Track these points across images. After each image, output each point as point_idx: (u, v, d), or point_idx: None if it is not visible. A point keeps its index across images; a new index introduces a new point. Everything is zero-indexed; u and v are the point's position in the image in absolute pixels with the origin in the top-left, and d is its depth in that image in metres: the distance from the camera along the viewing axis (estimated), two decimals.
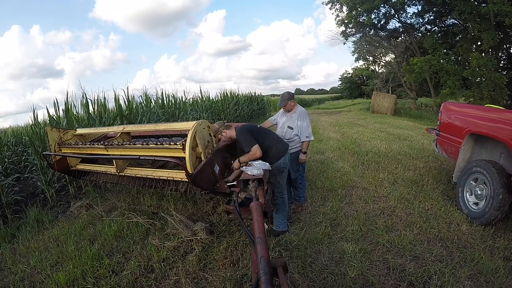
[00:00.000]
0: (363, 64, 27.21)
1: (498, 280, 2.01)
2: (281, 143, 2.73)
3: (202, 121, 2.62)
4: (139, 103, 6.81)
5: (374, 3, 14.84)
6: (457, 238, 2.54)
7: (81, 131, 3.62)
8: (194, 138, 2.44)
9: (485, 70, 12.38)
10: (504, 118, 2.71)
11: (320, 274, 2.20)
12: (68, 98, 4.85)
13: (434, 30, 16.83)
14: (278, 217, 2.77)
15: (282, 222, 2.77)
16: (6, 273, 2.66)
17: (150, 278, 2.31)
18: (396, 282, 2.07)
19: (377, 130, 8.75)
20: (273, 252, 2.48)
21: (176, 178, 2.69)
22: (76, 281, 2.33)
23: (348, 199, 3.51)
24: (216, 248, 2.61)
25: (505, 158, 2.81)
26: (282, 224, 2.77)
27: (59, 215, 3.88)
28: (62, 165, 3.48)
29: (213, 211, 3.37)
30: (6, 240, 3.29)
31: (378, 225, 2.81)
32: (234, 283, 2.15)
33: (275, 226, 2.78)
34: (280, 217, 2.77)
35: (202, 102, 9.58)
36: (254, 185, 2.08)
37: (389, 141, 6.67)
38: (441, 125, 3.70)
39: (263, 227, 1.42)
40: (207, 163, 2.53)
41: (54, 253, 2.80)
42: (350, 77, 47.27)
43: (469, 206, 2.91)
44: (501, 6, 11.18)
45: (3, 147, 5.28)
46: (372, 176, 4.21)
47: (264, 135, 2.68)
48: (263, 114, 14.69)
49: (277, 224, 2.77)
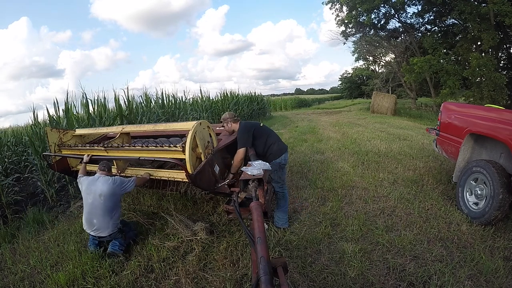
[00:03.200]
0: (363, 64, 27.25)
1: (498, 280, 2.01)
2: (281, 141, 2.93)
3: (202, 121, 2.62)
4: (139, 103, 6.82)
5: (374, 3, 14.85)
6: (457, 238, 2.54)
7: (81, 132, 3.61)
8: (194, 138, 2.43)
9: (485, 70, 12.39)
10: (504, 118, 2.71)
11: (320, 274, 2.20)
12: (68, 98, 4.85)
13: (434, 30, 16.85)
14: (279, 212, 2.88)
15: (282, 218, 2.87)
16: (6, 273, 2.66)
17: (150, 278, 2.31)
18: (396, 282, 2.07)
19: (377, 130, 8.75)
20: (273, 252, 2.48)
21: (176, 179, 2.68)
22: (76, 281, 2.33)
23: (348, 199, 3.50)
24: (216, 248, 2.61)
25: (505, 158, 2.81)
26: (283, 220, 2.87)
27: (59, 215, 3.88)
28: (62, 165, 3.48)
29: (213, 211, 3.36)
30: (6, 240, 3.29)
31: (378, 225, 2.81)
32: (234, 283, 2.15)
33: (276, 222, 2.88)
34: (281, 213, 2.87)
35: (202, 102, 9.58)
36: (254, 185, 2.07)
37: (389, 141, 6.67)
38: (441, 125, 3.70)
39: (263, 227, 1.43)
40: (207, 163, 2.53)
41: (54, 253, 2.80)
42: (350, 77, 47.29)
43: (469, 206, 2.91)
44: (501, 6, 11.19)
45: (3, 147, 5.28)
46: (372, 176, 4.21)
47: (268, 133, 2.89)
48: (263, 114, 14.70)
49: (277, 220, 2.87)
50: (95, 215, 2.52)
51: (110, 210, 2.53)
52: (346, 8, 17.29)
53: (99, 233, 2.54)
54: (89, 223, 2.55)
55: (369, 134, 7.81)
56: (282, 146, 2.86)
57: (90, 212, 2.55)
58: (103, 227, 2.52)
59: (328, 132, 8.95)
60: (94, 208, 2.52)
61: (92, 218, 2.53)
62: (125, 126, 3.22)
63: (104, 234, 2.54)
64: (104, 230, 2.52)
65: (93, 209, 2.53)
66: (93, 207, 2.52)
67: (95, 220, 2.52)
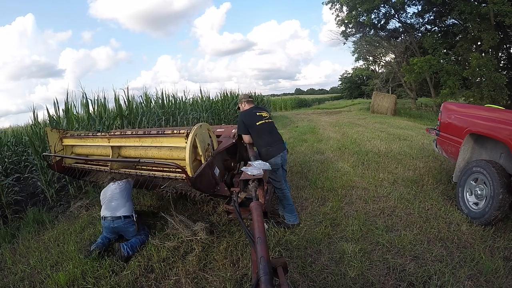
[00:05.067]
0: (363, 64, 27.25)
1: (498, 280, 2.01)
2: (274, 145, 2.85)
3: (203, 124, 2.60)
4: (139, 103, 6.81)
5: (374, 3, 14.87)
6: (457, 238, 2.54)
7: (70, 142, 3.54)
8: (194, 140, 2.42)
9: (485, 70, 12.40)
10: (504, 118, 2.71)
11: (320, 274, 2.20)
12: (68, 98, 4.85)
13: (434, 30, 16.87)
14: (285, 211, 2.91)
15: (292, 216, 2.89)
16: (6, 273, 2.66)
17: (150, 278, 2.31)
18: (396, 282, 2.07)
19: (377, 130, 8.75)
20: (273, 252, 2.48)
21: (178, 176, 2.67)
22: (76, 281, 2.33)
23: (348, 199, 3.50)
24: (216, 248, 2.61)
25: (505, 158, 2.81)
26: (292, 217, 2.89)
27: (59, 215, 3.88)
28: (62, 165, 3.48)
29: (213, 211, 3.37)
30: (6, 240, 3.29)
31: (378, 225, 2.81)
32: (234, 283, 2.15)
33: (287, 221, 2.90)
34: (288, 211, 2.90)
35: (202, 102, 9.58)
36: (254, 185, 2.08)
37: (389, 141, 6.67)
38: (441, 125, 3.70)
39: (263, 227, 1.43)
40: (207, 166, 2.52)
41: (54, 253, 2.80)
42: (350, 77, 47.32)
43: (469, 206, 2.91)
44: (501, 6, 11.19)
45: (3, 147, 5.28)
46: (372, 176, 4.21)
47: (260, 134, 2.84)
48: None
49: (288, 219, 2.90)
50: (114, 199, 2.85)
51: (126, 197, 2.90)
52: (346, 8, 17.31)
53: (115, 213, 2.77)
54: (108, 207, 2.82)
55: (369, 134, 7.81)
56: (272, 151, 2.78)
57: (110, 199, 2.86)
58: (119, 206, 2.79)
59: (328, 132, 8.95)
60: (113, 196, 2.87)
61: (111, 201, 2.84)
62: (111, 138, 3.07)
63: (119, 214, 2.75)
64: (120, 208, 2.78)
65: (113, 195, 2.87)
66: (113, 195, 2.87)
67: (113, 202, 2.82)
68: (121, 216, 2.73)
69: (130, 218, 2.77)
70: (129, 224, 2.76)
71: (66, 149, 3.53)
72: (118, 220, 2.72)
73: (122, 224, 2.73)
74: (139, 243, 2.73)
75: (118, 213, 2.74)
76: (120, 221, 2.72)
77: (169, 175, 2.66)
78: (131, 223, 2.77)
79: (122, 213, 2.74)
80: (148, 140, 2.77)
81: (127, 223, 2.75)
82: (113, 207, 2.78)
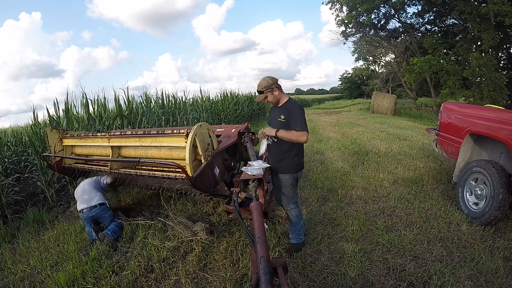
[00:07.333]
0: (363, 64, 27.27)
1: (498, 280, 2.01)
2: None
3: (203, 124, 2.60)
4: (139, 103, 6.81)
5: (374, 3, 14.87)
6: (457, 238, 2.53)
7: (70, 142, 3.55)
8: (194, 140, 2.42)
9: (485, 70, 12.40)
10: (504, 118, 2.71)
11: (320, 274, 2.20)
12: (68, 98, 4.85)
13: (434, 30, 16.86)
14: (293, 230, 2.49)
15: (297, 235, 2.50)
16: (6, 273, 2.66)
17: (150, 278, 2.31)
18: (396, 282, 2.07)
19: (377, 130, 8.75)
20: (273, 252, 2.48)
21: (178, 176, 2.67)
22: (76, 281, 2.34)
23: (348, 199, 3.50)
24: (216, 248, 2.61)
25: (505, 158, 2.81)
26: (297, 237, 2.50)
27: (59, 215, 3.88)
28: (62, 165, 3.48)
29: (213, 211, 3.36)
30: (6, 240, 3.29)
31: (378, 225, 2.81)
32: (234, 283, 2.15)
33: (292, 240, 2.51)
34: (297, 229, 2.48)
35: (202, 102, 9.58)
36: (254, 185, 2.07)
37: (389, 141, 6.67)
38: (441, 125, 3.70)
39: (263, 227, 1.42)
40: (207, 165, 2.52)
41: (54, 253, 2.80)
42: (350, 77, 47.29)
43: (469, 206, 2.90)
44: (501, 6, 11.19)
45: (3, 147, 5.27)
46: (372, 176, 4.21)
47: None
48: (263, 114, 14.68)
49: (293, 237, 2.51)
50: (86, 193, 3.09)
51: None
52: (346, 8, 17.31)
53: (90, 203, 3.01)
54: (82, 200, 3.05)
55: (369, 134, 7.81)
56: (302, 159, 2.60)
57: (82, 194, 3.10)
58: (92, 197, 3.04)
59: (328, 132, 8.95)
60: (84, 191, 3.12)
61: (83, 195, 3.07)
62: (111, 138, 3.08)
63: (94, 203, 3.00)
64: (93, 198, 3.03)
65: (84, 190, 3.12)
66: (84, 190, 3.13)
67: (86, 196, 3.06)
68: (97, 205, 2.99)
69: (104, 204, 3.06)
70: (105, 210, 3.04)
71: (66, 149, 3.54)
72: (95, 209, 2.98)
73: (99, 211, 2.99)
74: (118, 228, 2.99)
75: (93, 202, 3.00)
76: (96, 209, 2.98)
77: (169, 175, 2.66)
78: (106, 209, 3.06)
79: (96, 202, 3.01)
80: (148, 140, 2.77)
81: (103, 209, 3.03)
82: (86, 200, 3.03)
